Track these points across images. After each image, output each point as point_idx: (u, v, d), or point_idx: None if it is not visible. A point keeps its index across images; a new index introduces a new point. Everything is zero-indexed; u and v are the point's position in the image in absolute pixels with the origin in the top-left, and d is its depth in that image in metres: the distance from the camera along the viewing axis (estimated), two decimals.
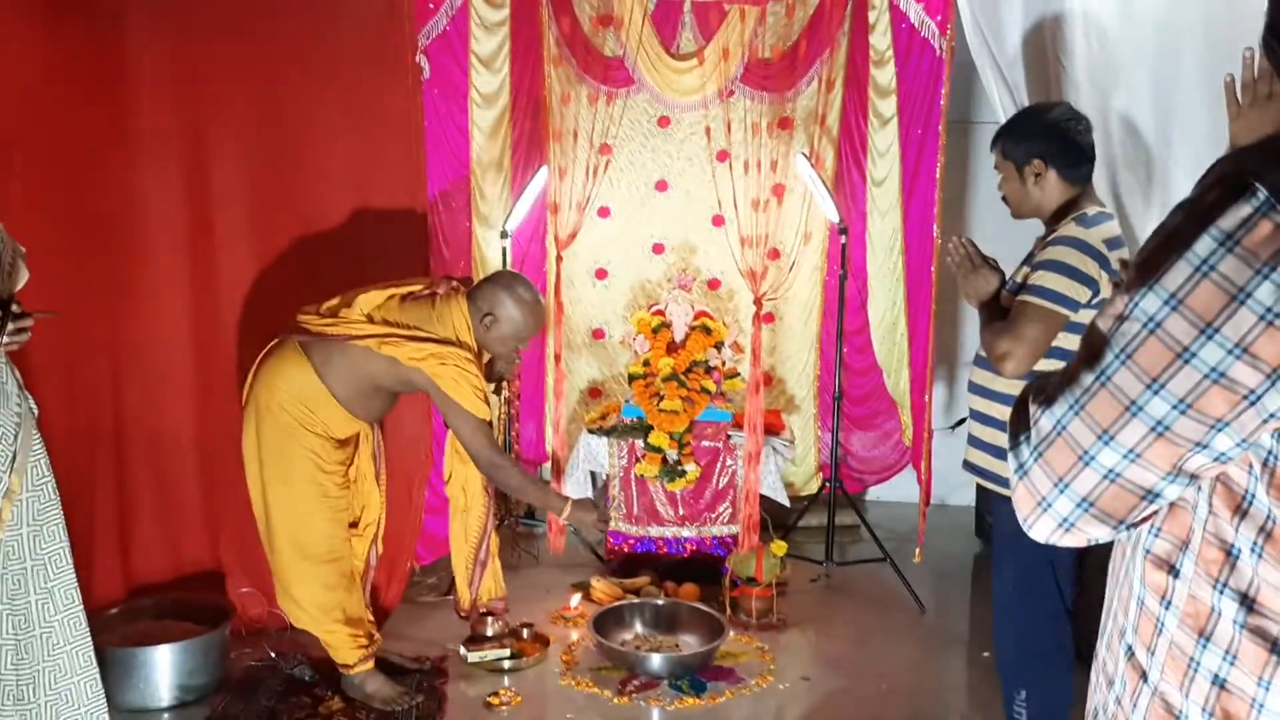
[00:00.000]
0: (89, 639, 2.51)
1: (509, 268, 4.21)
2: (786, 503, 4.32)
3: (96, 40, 3.25)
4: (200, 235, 3.48)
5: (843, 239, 4.18)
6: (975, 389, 2.56)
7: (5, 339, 2.26)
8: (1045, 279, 2.30)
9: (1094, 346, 0.94)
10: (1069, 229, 2.37)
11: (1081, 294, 2.28)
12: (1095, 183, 2.53)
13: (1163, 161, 2.89)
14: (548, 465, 4.46)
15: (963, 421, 2.76)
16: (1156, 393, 0.88)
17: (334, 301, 2.99)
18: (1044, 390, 0.99)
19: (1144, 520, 0.98)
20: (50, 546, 2.43)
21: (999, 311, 2.38)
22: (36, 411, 2.45)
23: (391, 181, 3.73)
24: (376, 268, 3.70)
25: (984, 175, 4.63)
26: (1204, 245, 0.86)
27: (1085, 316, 2.26)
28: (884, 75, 4.30)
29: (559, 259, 3.77)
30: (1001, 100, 3.21)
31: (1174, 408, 0.88)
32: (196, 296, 3.50)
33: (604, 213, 4.61)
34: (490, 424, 2.99)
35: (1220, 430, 0.88)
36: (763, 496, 4.11)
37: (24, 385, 2.40)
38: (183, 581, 3.57)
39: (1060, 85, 3.08)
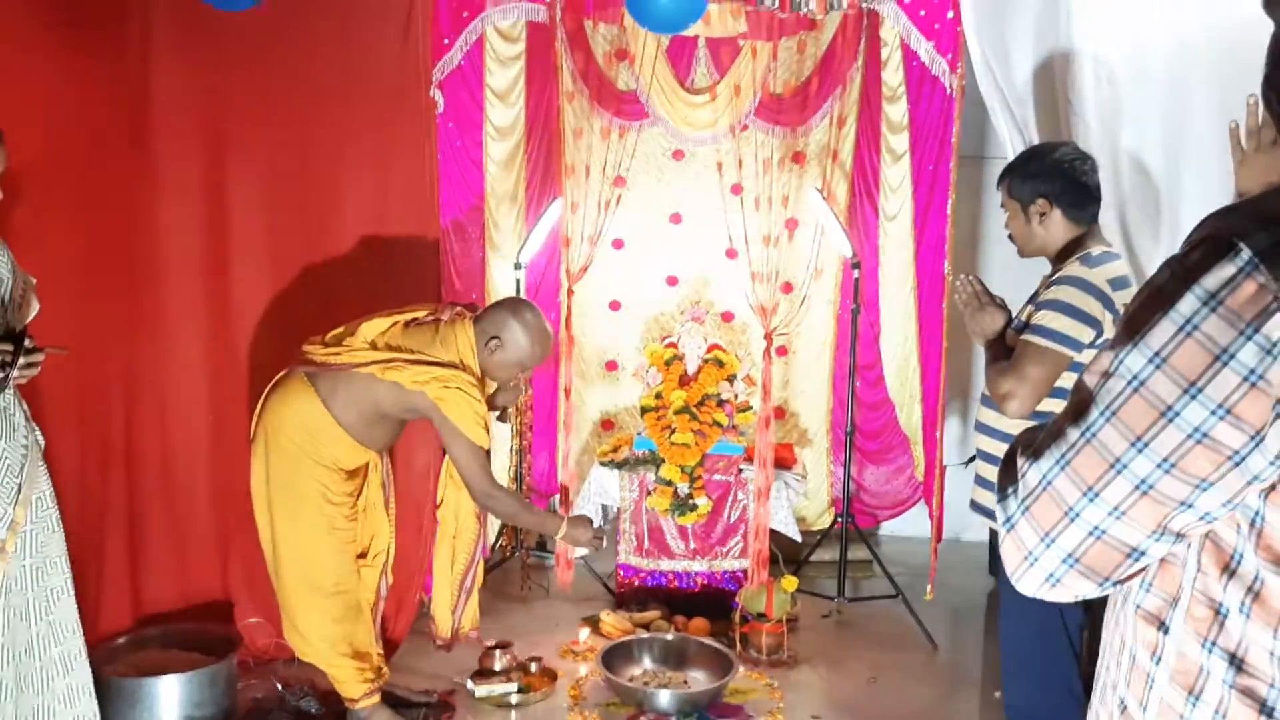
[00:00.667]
0: (89, 673, 2.51)
1: (523, 297, 4.24)
2: (798, 537, 4.29)
3: (118, 67, 3.29)
4: (215, 265, 3.51)
5: (855, 273, 4.18)
6: (982, 428, 2.55)
7: (15, 372, 2.27)
8: (1048, 319, 2.30)
9: (1080, 402, 0.94)
10: (1072, 269, 2.36)
11: (1084, 334, 2.27)
12: (1105, 221, 2.53)
13: (1172, 201, 2.88)
14: (558, 497, 4.46)
15: (975, 458, 2.75)
16: (1141, 451, 0.88)
17: (339, 330, 3.00)
18: (1031, 444, 0.99)
19: (1131, 577, 0.97)
20: (52, 579, 2.45)
21: (1004, 351, 2.37)
22: (43, 443, 2.48)
23: (406, 213, 3.76)
24: (390, 297, 3.69)
25: (997, 211, 4.54)
26: (1188, 304, 0.86)
27: (1089, 356, 2.25)
28: (896, 111, 4.31)
29: (570, 292, 3.78)
30: (1011, 138, 3.22)
31: (1158, 466, 0.88)
32: (210, 326, 3.53)
33: (618, 244, 4.63)
34: (488, 452, 2.97)
35: (1205, 490, 0.87)
36: (774, 531, 4.08)
37: (31, 417, 2.42)
38: (192, 611, 3.57)
39: (1069, 124, 3.08)
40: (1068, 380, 2.27)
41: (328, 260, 3.63)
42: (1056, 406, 2.14)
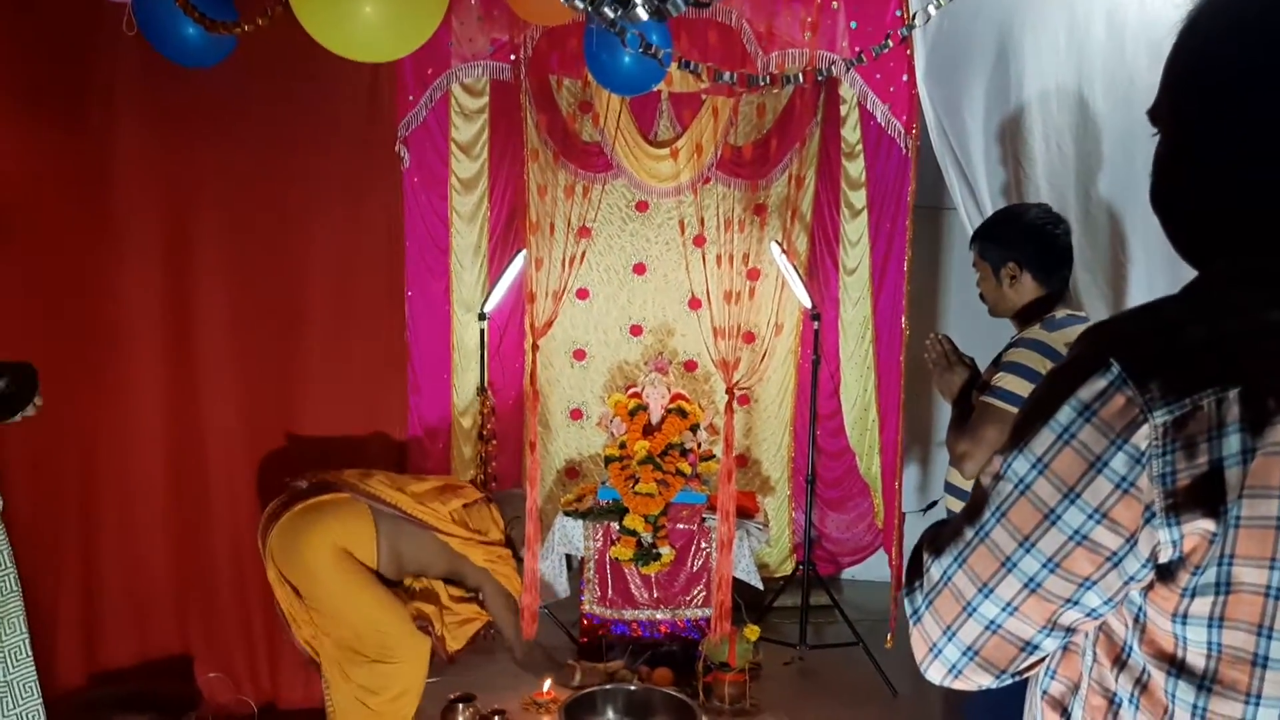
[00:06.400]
0: None
1: (486, 350, 4.26)
2: (760, 586, 4.29)
3: (79, 128, 3.26)
4: (177, 326, 3.47)
5: (815, 325, 4.21)
6: (951, 490, 2.53)
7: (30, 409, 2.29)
8: (1006, 381, 2.31)
9: (976, 502, 0.98)
10: (1033, 331, 2.37)
11: None
12: None
13: (1118, 262, 2.92)
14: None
15: (934, 504, 2.76)
16: (1028, 551, 0.92)
17: (424, 487, 3.48)
18: (935, 541, 1.02)
19: (1028, 669, 1.00)
20: (10, 639, 2.41)
21: (968, 410, 2.39)
22: (1, 504, 2.44)
23: (372, 269, 3.75)
24: (355, 355, 3.72)
25: (954, 260, 4.69)
26: (1065, 414, 0.89)
27: None
28: (855, 168, 4.38)
29: (535, 347, 3.80)
30: (963, 197, 3.26)
31: (1044, 566, 0.91)
32: (173, 386, 3.49)
33: (583, 294, 4.65)
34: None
35: (1088, 589, 0.91)
36: (736, 580, 4.08)
37: None
38: (149, 667, 3.50)
39: (1022, 188, 3.13)
40: None
41: (292, 319, 3.61)
42: None
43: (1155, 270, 2.82)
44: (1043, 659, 0.99)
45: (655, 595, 4.13)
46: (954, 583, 0.97)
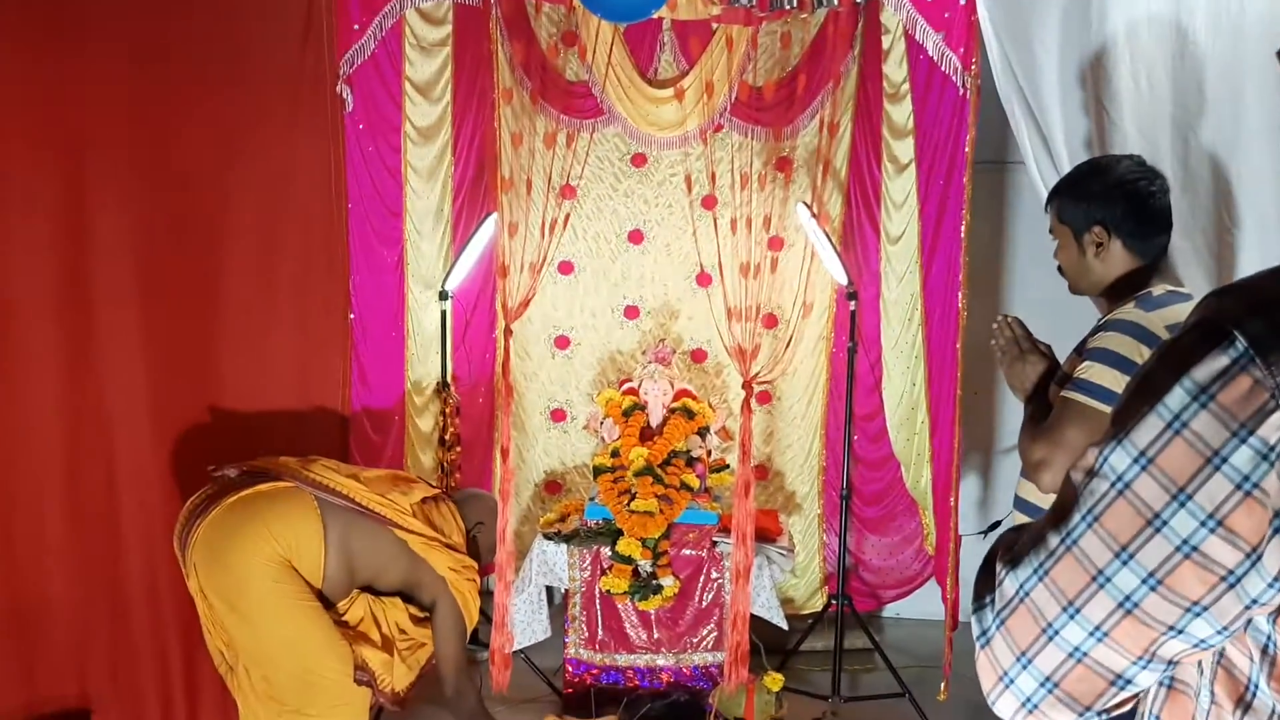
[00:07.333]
0: None
1: (449, 334, 4.26)
2: (784, 625, 4.28)
3: None
4: (73, 299, 3.44)
5: (852, 305, 4.20)
6: (1022, 506, 2.51)
7: None
8: (1093, 372, 2.29)
9: (1064, 503, 0.97)
10: (1126, 312, 2.34)
11: None
12: None
13: (1225, 230, 2.91)
14: (493, 577, 4.42)
15: (998, 525, 2.74)
16: (1125, 563, 0.90)
17: (376, 474, 3.44)
18: (1012, 548, 1.02)
19: (1119, 707, 0.99)
20: None
21: (1045, 409, 2.37)
22: None
23: (307, 234, 3.74)
24: (288, 338, 3.71)
25: (1023, 226, 4.68)
26: (1176, 398, 0.88)
27: None
28: (900, 112, 4.36)
29: (508, 332, 3.78)
30: (1034, 149, 3.25)
31: (1143, 582, 0.90)
32: (66, 368, 3.45)
33: (566, 268, 4.64)
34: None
35: (1197, 615, 0.89)
36: (755, 617, 4.07)
37: None
38: None
39: (1104, 132, 3.12)
40: None
41: (210, 291, 3.60)
42: None
43: (1270, 235, 2.81)
44: (1136, 695, 0.98)
45: (656, 636, 4.13)
46: (1032, 598, 0.96)
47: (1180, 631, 0.90)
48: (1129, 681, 0.94)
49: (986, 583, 1.04)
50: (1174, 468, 0.87)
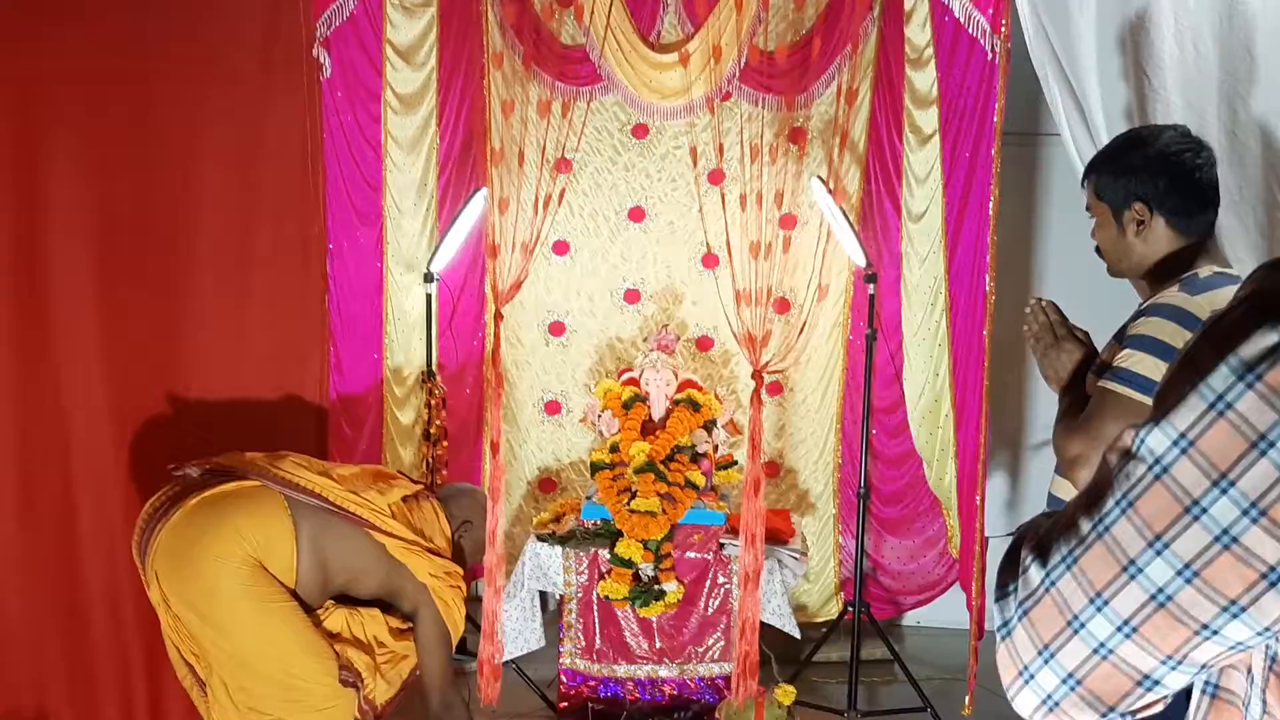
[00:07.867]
0: None
1: (434, 321, 4.27)
2: (796, 633, 4.31)
3: None
4: (28, 282, 3.47)
5: (870, 289, 4.21)
6: (1055, 505, 2.52)
7: None
8: (1134, 361, 2.29)
9: (1098, 486, 0.97)
10: (1170, 295, 2.34)
11: None
12: None
13: (1276, 204, 2.93)
14: (482, 581, 4.45)
15: None
16: (1159, 553, 0.90)
17: (350, 472, 3.44)
18: (1040, 534, 1.02)
19: (1144, 709, 0.99)
20: None
21: (1081, 400, 2.38)
22: None
23: (280, 209, 3.75)
24: (260, 321, 3.72)
25: (1057, 202, 4.70)
26: (1220, 377, 0.88)
27: None
28: (923, 79, 4.37)
29: (498, 316, 3.79)
30: (1069, 120, 3.26)
31: (1178, 574, 0.89)
32: (17, 355, 3.48)
33: (561, 249, 4.65)
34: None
35: (1234, 615, 0.89)
36: (765, 625, 4.09)
37: None
38: None
39: (1145, 100, 3.13)
40: None
41: (175, 272, 3.62)
42: None
43: None
44: (1164, 698, 0.97)
45: (658, 646, 4.15)
46: (1059, 588, 0.96)
47: (1215, 633, 0.90)
48: (1156, 682, 0.94)
49: (1011, 570, 1.03)
50: (1216, 452, 0.87)
